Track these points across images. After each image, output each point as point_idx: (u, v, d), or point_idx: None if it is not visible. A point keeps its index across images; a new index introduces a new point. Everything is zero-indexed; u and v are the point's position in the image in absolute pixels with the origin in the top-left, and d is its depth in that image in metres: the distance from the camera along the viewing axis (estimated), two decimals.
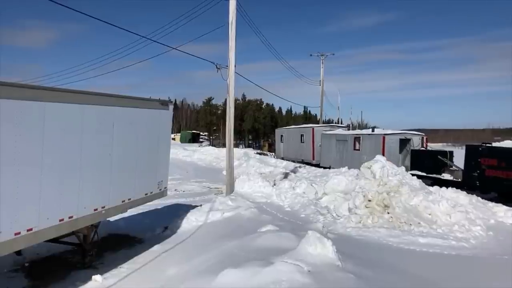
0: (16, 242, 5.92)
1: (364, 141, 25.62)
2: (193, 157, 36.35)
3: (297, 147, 33.46)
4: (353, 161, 24.59)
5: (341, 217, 13.20)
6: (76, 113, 7.16)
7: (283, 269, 5.99)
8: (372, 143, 24.81)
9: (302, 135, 33.12)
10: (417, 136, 25.26)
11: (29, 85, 6.96)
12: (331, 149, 28.47)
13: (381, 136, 24.22)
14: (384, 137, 23.99)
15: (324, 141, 29.69)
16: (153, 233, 10.99)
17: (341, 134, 28.38)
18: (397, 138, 24.13)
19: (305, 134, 32.67)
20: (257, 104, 75.69)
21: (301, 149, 32.83)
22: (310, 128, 32.40)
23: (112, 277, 7.84)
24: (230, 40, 16.70)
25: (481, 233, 11.67)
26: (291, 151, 34.46)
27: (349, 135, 27.49)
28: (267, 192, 17.11)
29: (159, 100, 10.82)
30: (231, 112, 17.16)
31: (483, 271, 8.87)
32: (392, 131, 25.81)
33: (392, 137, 24.13)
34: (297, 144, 33.50)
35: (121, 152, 8.65)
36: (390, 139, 24.00)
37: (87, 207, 7.58)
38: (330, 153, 28.58)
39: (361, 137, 25.90)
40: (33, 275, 8.00)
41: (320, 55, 41.82)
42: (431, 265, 8.98)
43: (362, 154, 24.65)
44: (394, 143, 23.91)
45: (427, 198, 13.12)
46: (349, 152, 26.65)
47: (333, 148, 28.26)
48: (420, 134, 26.16)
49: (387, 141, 23.91)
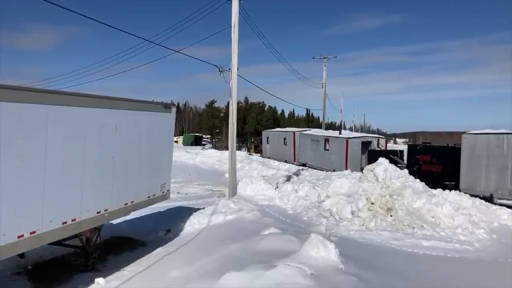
0: (20, 245, 5.93)
1: (332, 143, 28.45)
2: (195, 160, 36.33)
3: (281, 149, 36.43)
4: (324, 159, 28.66)
5: (344, 220, 13.17)
6: (79, 116, 7.18)
7: (286, 272, 5.98)
8: (339, 145, 27.62)
9: (285, 138, 36.19)
10: (377, 138, 28.92)
11: (33, 88, 7.00)
12: (307, 148, 31.49)
13: (344, 140, 27.17)
14: (347, 141, 26.88)
15: (301, 140, 32.77)
16: (156, 236, 10.99)
17: (315, 135, 31.25)
18: (359, 141, 27.04)
19: (287, 138, 35.67)
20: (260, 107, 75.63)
21: (284, 151, 35.81)
22: (292, 133, 35.36)
23: (115, 279, 7.84)
24: (233, 43, 16.74)
25: (484, 236, 11.63)
26: (276, 152, 37.32)
27: (321, 136, 30.22)
28: (270, 195, 17.08)
29: (162, 103, 10.84)
30: (233, 115, 17.18)
31: (487, 274, 8.83)
32: (355, 134, 29.88)
33: (355, 140, 27.03)
34: (281, 146, 36.52)
35: (124, 155, 8.67)
36: (353, 142, 26.78)
37: (90, 210, 7.59)
38: (306, 151, 31.57)
39: (330, 139, 28.69)
40: (36, 278, 8.01)
41: (322, 57, 41.85)
42: (434, 268, 8.94)
43: (331, 154, 28.17)
44: (356, 145, 26.67)
45: (430, 201, 13.08)
46: (320, 151, 29.56)
47: (308, 147, 31.28)
48: (381, 137, 30.37)
49: (350, 144, 26.72)
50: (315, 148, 30.33)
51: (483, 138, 17.64)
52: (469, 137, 18.27)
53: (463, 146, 18.46)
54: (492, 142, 17.12)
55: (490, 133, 17.65)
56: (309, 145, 31.30)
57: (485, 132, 17.88)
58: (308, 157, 31.23)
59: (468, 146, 18.12)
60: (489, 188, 16.91)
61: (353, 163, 25.76)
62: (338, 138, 28.33)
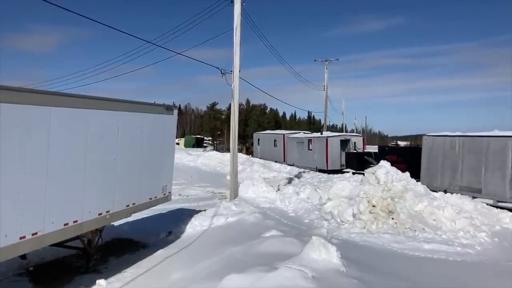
0: (21, 246, 5.94)
1: (314, 143, 31.12)
2: (197, 162, 36.35)
3: (271, 150, 38.52)
4: (308, 159, 31.25)
5: (345, 223, 13.16)
6: (81, 118, 7.20)
7: (287, 275, 5.97)
8: (320, 144, 30.17)
9: (275, 140, 38.35)
10: (355, 137, 31.83)
11: (35, 90, 7.01)
12: (293, 150, 34.06)
13: (324, 138, 29.95)
14: (327, 139, 29.60)
15: (288, 143, 35.36)
16: (157, 238, 10.99)
17: (299, 137, 34.02)
18: (338, 139, 29.99)
19: (277, 140, 37.84)
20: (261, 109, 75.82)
21: (274, 152, 37.77)
22: (282, 135, 37.50)
23: (116, 281, 7.84)
24: (235, 45, 16.76)
25: (486, 240, 11.60)
26: (267, 153, 39.18)
27: (305, 138, 33.00)
28: (271, 197, 17.08)
29: (164, 105, 10.86)
30: (235, 117, 17.19)
31: (488, 278, 8.81)
32: (334, 134, 32.64)
33: (334, 139, 29.94)
34: (272, 147, 38.66)
35: (126, 156, 8.68)
36: (332, 141, 29.57)
37: (91, 211, 7.61)
38: (293, 153, 34.13)
39: (313, 140, 31.58)
40: (38, 279, 8.02)
41: (324, 60, 41.90)
42: (435, 271, 8.93)
43: (314, 153, 30.74)
44: (335, 143, 29.55)
45: (431, 204, 13.06)
46: (305, 152, 32.04)
47: (295, 149, 33.81)
48: (358, 135, 33.36)
49: (330, 142, 29.36)
50: (300, 149, 32.78)
51: (439, 139, 19.46)
52: (428, 139, 20.16)
53: (423, 147, 20.38)
54: (447, 144, 18.91)
55: (445, 135, 19.33)
56: (295, 146, 33.78)
57: (442, 135, 19.59)
58: (295, 158, 33.45)
59: (427, 147, 20.02)
60: (443, 184, 18.53)
61: (333, 160, 29.10)
62: (319, 138, 31.12)
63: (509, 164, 15.69)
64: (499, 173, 15.98)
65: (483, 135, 17.41)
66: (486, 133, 17.55)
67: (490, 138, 16.88)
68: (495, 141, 16.56)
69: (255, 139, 43.68)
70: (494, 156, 16.33)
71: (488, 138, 16.96)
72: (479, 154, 17.01)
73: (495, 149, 16.37)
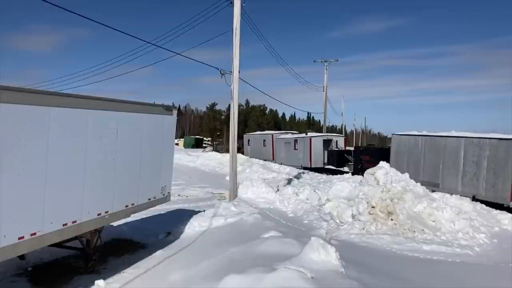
0: (20, 247, 5.93)
1: (299, 143, 33.24)
2: (196, 163, 36.36)
3: (261, 150, 40.61)
4: (294, 158, 33.43)
5: (344, 224, 13.16)
6: (80, 118, 7.19)
7: (286, 275, 5.96)
8: (304, 144, 32.26)
9: (264, 140, 40.58)
10: (337, 137, 34.06)
11: (34, 90, 6.99)
12: (281, 150, 36.38)
13: (308, 138, 32.09)
14: (310, 139, 31.74)
15: (277, 144, 37.66)
16: (156, 239, 10.97)
17: (287, 138, 36.41)
18: (321, 139, 32.24)
19: (266, 140, 40.02)
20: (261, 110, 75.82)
21: (263, 151, 39.85)
22: (271, 135, 39.75)
23: (115, 282, 7.83)
24: (234, 46, 16.76)
25: (485, 241, 11.61)
26: (256, 152, 41.06)
27: (291, 138, 35.27)
28: (270, 198, 17.07)
29: (163, 106, 10.85)
30: (235, 118, 17.19)
31: (488, 279, 8.81)
32: (317, 134, 34.74)
33: (317, 139, 32.26)
34: (261, 147, 40.75)
35: (125, 157, 8.67)
36: (316, 140, 31.86)
37: (90, 212, 7.59)
38: (281, 153, 36.34)
39: (298, 140, 33.75)
40: (36, 279, 8.01)
41: (324, 61, 41.97)
42: (435, 273, 8.92)
43: (299, 152, 32.96)
44: (318, 143, 31.76)
45: (431, 205, 13.07)
46: (291, 151, 34.24)
47: (282, 149, 36.08)
48: (340, 135, 35.58)
49: (313, 142, 31.55)
50: (287, 149, 35.12)
51: (405, 138, 21.38)
52: (396, 137, 22.28)
53: (391, 145, 22.55)
54: (411, 142, 20.71)
55: (410, 134, 21.17)
56: (283, 146, 36.07)
57: (407, 134, 21.44)
58: (283, 157, 35.56)
59: (395, 145, 22.04)
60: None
61: (316, 158, 31.39)
62: (303, 138, 33.25)
63: (461, 161, 17.40)
64: (453, 170, 17.70)
65: (441, 135, 18.98)
66: (444, 133, 19.09)
67: (447, 138, 18.52)
68: (450, 140, 18.25)
69: (245, 140, 45.72)
70: (450, 154, 18.09)
71: (445, 138, 18.60)
72: (438, 152, 18.78)
73: (451, 148, 18.11)
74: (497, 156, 15.82)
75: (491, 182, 15.96)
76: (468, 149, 17.19)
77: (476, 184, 16.59)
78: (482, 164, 16.38)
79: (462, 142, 17.50)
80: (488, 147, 16.29)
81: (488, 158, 16.20)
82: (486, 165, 16.23)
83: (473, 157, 16.87)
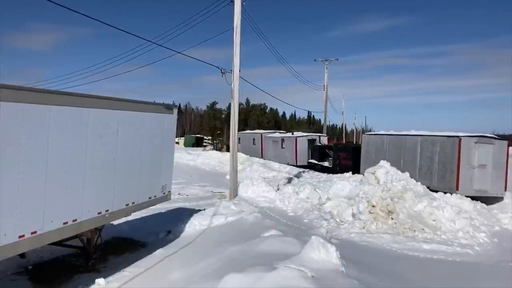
0: (20, 245, 5.93)
1: (286, 142, 35.20)
2: (196, 161, 36.32)
3: (251, 148, 41.82)
4: (281, 156, 35.10)
5: (344, 223, 13.16)
6: (81, 117, 7.19)
7: (287, 274, 5.97)
8: (290, 143, 34.24)
9: (254, 138, 42.07)
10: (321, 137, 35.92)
11: (34, 89, 6.98)
12: (269, 148, 38.24)
13: (294, 138, 34.23)
14: (296, 138, 33.89)
15: (265, 142, 39.42)
16: (156, 237, 10.97)
17: (274, 137, 38.22)
18: (306, 139, 34.17)
19: (256, 138, 41.55)
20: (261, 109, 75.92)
21: (253, 149, 41.07)
22: (260, 134, 41.58)
23: (115, 280, 7.83)
24: (235, 45, 16.74)
25: (485, 240, 11.62)
26: (246, 151, 40.92)
27: (279, 137, 37.05)
28: (271, 197, 17.06)
29: (164, 104, 10.84)
30: (235, 117, 17.18)
31: (488, 278, 8.81)
32: (302, 134, 36.35)
33: (302, 138, 34.13)
34: (251, 145, 42.06)
35: (126, 156, 8.67)
36: (301, 140, 33.80)
37: (91, 210, 7.59)
38: (269, 151, 38.09)
39: (285, 139, 35.57)
40: (37, 278, 8.01)
41: (324, 60, 42.00)
42: (435, 272, 8.93)
43: (286, 151, 34.88)
44: (303, 142, 33.71)
45: (431, 204, 13.07)
46: (279, 150, 36.05)
47: (271, 147, 37.92)
48: (323, 135, 37.40)
49: (298, 141, 33.57)
50: (275, 147, 37.00)
51: (373, 137, 23.43)
52: (365, 137, 24.48)
53: (362, 143, 24.39)
54: (378, 141, 22.52)
55: (377, 134, 23.34)
56: (271, 145, 38.01)
57: (375, 133, 23.62)
58: (271, 155, 37.19)
59: (365, 143, 23.76)
60: None
61: (301, 156, 33.28)
62: (290, 137, 35.28)
63: (418, 156, 19.35)
64: (411, 164, 19.41)
65: (402, 134, 21.11)
66: (404, 132, 21.23)
67: (406, 137, 20.59)
68: (409, 138, 20.26)
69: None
70: (409, 151, 20.04)
71: (405, 137, 20.67)
72: (399, 149, 20.68)
73: (409, 145, 20.08)
74: (446, 152, 17.86)
75: (441, 174, 17.99)
76: (423, 146, 19.23)
77: (429, 176, 18.48)
78: (434, 159, 18.44)
79: (419, 140, 19.50)
80: (439, 144, 18.30)
81: (438, 154, 18.26)
82: (437, 159, 18.25)
83: (427, 152, 18.90)
